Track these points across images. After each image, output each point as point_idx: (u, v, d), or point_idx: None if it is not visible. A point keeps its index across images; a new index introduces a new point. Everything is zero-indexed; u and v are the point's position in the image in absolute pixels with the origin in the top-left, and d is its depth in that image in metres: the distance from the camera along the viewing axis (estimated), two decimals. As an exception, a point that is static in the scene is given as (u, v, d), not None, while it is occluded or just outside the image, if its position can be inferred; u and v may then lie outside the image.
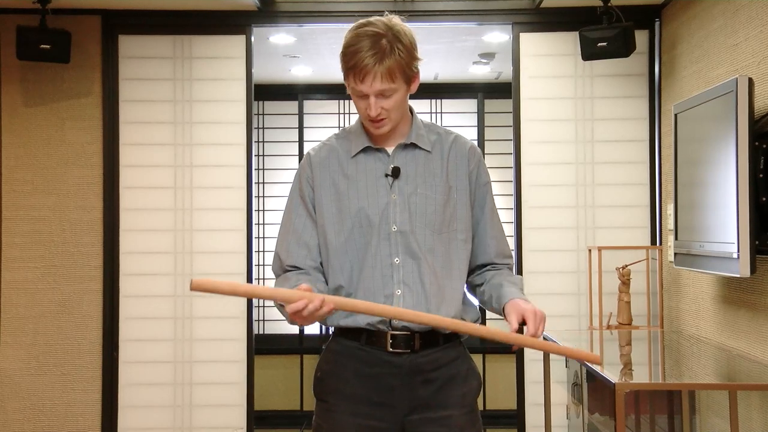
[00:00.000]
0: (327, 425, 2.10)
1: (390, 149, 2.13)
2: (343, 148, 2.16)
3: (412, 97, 2.14)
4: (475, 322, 2.12)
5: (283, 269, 2.15)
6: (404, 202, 2.08)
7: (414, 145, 2.13)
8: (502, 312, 2.06)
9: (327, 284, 2.12)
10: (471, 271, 2.19)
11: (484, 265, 2.18)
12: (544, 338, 3.76)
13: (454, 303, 2.09)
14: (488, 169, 2.23)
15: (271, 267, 2.21)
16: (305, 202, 2.14)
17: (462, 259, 2.13)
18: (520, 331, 1.99)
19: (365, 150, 2.13)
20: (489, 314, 5.26)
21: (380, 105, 2.02)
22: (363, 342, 2.07)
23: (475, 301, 2.21)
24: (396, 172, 2.10)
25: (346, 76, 2.05)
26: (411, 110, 2.18)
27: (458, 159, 2.15)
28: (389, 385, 2.05)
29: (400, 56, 1.99)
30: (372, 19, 2.03)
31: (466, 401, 2.11)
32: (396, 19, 2.05)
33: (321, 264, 2.13)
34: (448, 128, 2.23)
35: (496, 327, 2.06)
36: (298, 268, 2.12)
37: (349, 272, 2.08)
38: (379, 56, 1.97)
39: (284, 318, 1.95)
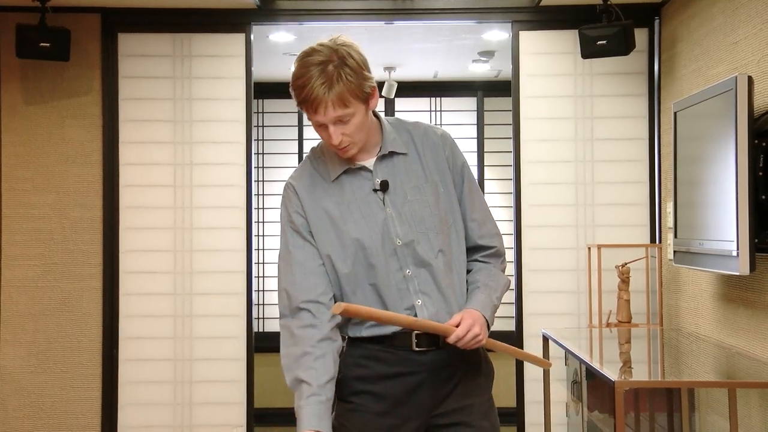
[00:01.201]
0: (350, 424, 2.10)
1: (370, 162, 2.10)
2: (321, 172, 2.12)
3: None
4: None
5: (291, 309, 2.06)
6: (399, 214, 2.07)
7: (391, 153, 2.11)
8: None
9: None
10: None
11: (471, 249, 2.17)
12: (544, 336, 3.80)
13: (464, 292, 2.12)
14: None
15: (278, 305, 2.12)
16: (300, 232, 2.09)
17: (460, 247, 2.14)
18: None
19: (347, 171, 2.10)
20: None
21: (340, 131, 1.98)
22: (387, 344, 2.07)
23: None
24: (384, 186, 2.08)
25: (301, 109, 2.02)
26: (376, 115, 2.14)
27: (433, 150, 2.14)
28: (415, 383, 2.07)
29: (349, 80, 1.93)
30: (316, 45, 1.98)
31: (484, 389, 2.16)
32: (343, 39, 1.99)
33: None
34: (416, 121, 2.20)
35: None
36: (314, 302, 2.04)
37: (363, 294, 2.06)
38: (327, 85, 1.92)
39: None
